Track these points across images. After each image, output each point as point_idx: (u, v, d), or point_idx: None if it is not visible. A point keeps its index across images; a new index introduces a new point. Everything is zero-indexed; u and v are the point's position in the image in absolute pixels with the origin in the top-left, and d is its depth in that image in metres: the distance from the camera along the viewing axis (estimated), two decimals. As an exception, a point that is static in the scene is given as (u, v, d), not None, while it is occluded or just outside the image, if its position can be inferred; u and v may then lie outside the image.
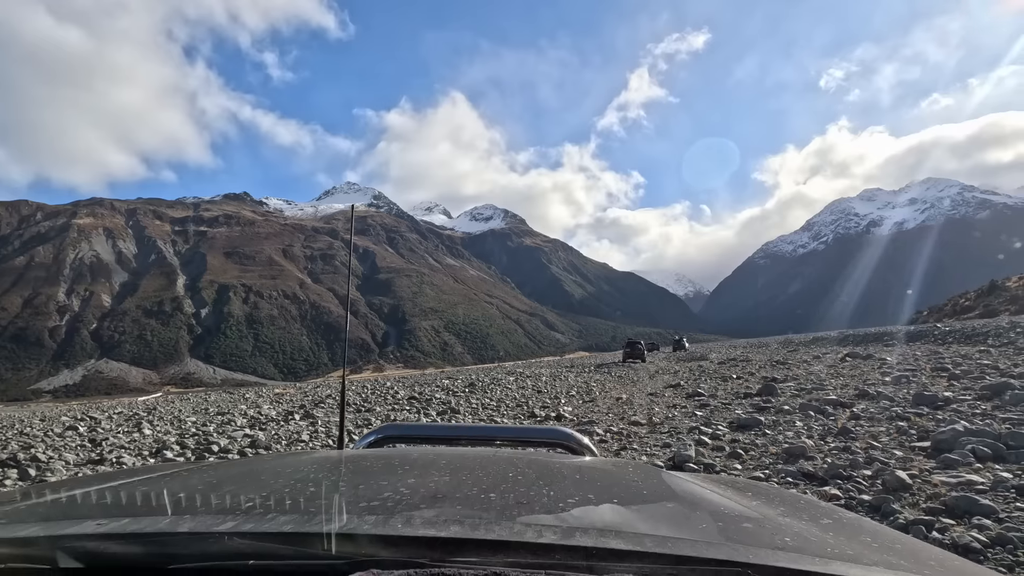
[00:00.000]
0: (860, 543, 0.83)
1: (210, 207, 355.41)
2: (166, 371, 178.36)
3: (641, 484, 1.05)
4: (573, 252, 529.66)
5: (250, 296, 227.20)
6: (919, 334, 32.43)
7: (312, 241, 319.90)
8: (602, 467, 1.23)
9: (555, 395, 14.70)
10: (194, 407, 21.24)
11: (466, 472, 1.04)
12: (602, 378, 20.32)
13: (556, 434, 1.70)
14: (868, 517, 1.76)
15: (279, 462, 1.16)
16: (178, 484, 0.95)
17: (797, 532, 0.82)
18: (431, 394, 17.76)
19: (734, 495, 1.07)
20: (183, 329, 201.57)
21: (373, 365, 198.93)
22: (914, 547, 0.86)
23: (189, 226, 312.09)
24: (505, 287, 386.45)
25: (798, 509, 1.02)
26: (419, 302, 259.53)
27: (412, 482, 0.93)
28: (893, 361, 15.23)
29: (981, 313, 76.03)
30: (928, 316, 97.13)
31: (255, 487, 0.92)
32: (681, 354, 42.75)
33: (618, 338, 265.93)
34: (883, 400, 7.87)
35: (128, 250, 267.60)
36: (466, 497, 0.85)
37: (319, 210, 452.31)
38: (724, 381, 14.16)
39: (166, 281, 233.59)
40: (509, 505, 0.81)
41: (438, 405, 13.56)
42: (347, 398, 18.07)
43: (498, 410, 12.06)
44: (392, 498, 0.81)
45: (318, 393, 24.95)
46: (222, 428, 11.66)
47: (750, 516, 0.88)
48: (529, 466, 1.12)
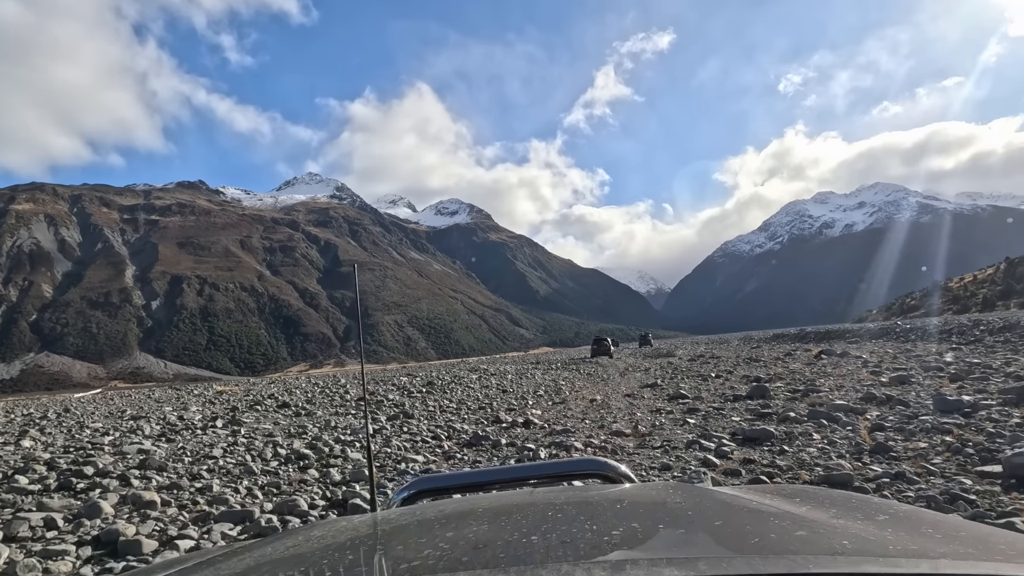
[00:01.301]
0: (922, 535, 0.79)
1: (162, 195, 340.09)
2: (113, 365, 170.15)
3: (685, 505, 1.02)
4: (538, 248, 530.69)
5: (205, 288, 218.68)
6: (881, 331, 32.67)
7: (271, 232, 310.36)
8: (643, 493, 1.19)
9: (522, 395, 13.64)
10: (117, 409, 19.19)
11: (504, 518, 1.00)
12: (571, 376, 19.44)
13: (592, 464, 1.65)
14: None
15: (316, 533, 1.13)
16: (216, 572, 0.92)
17: (854, 533, 0.78)
18: (385, 394, 16.31)
19: (783, 503, 1.02)
20: (132, 321, 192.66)
21: (334, 360, 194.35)
22: (979, 532, 0.82)
23: (139, 214, 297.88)
24: (470, 282, 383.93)
25: (851, 509, 0.98)
26: (382, 296, 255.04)
27: (451, 536, 0.90)
28: (874, 359, 14.62)
29: (926, 312, 79.07)
30: (877, 315, 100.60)
31: (294, 564, 0.89)
32: (647, 350, 42.30)
33: (582, 334, 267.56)
34: (898, 405, 6.90)
35: (72, 238, 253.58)
36: (507, 544, 0.82)
37: (279, 201, 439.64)
38: (704, 380, 13.34)
39: (114, 271, 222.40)
40: (553, 546, 0.77)
41: (390, 408, 12.12)
42: (290, 400, 16.37)
43: (458, 413, 10.78)
44: (433, 555, 0.79)
45: (263, 391, 23.09)
46: (121, 440, 9.75)
47: (803, 523, 0.84)
48: (568, 503, 1.08)
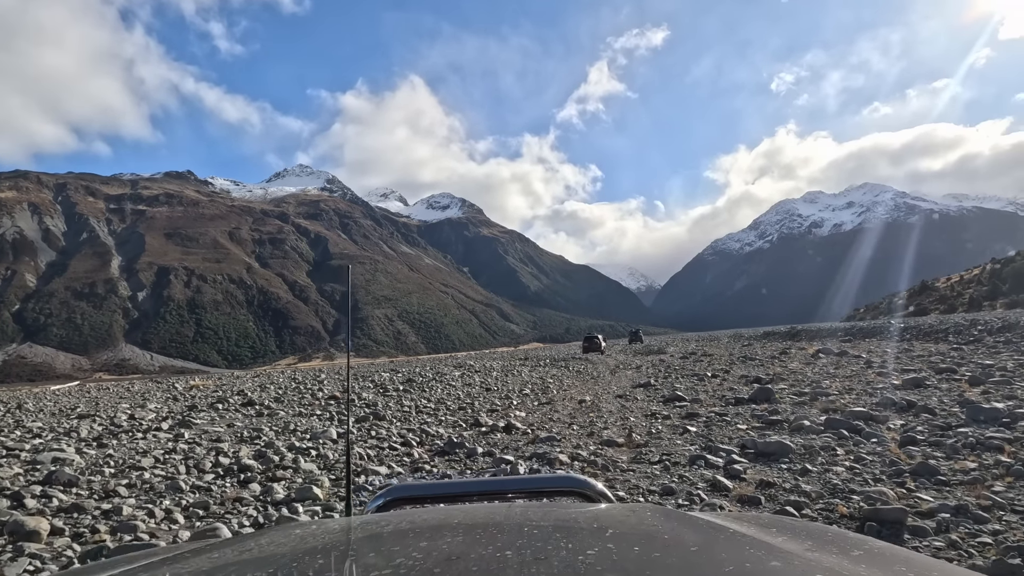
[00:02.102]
0: (894, 573, 0.80)
1: (150, 185, 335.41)
2: (98, 357, 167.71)
3: (662, 529, 1.02)
4: (530, 244, 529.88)
5: (192, 279, 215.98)
6: (873, 330, 32.07)
7: (261, 224, 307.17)
8: (620, 515, 1.18)
9: (506, 394, 12.85)
10: (72, 404, 18.08)
11: (479, 530, 0.99)
12: (559, 374, 18.67)
13: (570, 482, 1.64)
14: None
15: (287, 535, 1.11)
16: (183, 568, 0.89)
17: (828, 567, 0.78)
18: (359, 392, 15.38)
19: (758, 532, 1.02)
20: (117, 313, 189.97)
21: (323, 354, 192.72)
22: (950, 573, 0.83)
23: (126, 204, 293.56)
24: (461, 277, 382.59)
25: (826, 542, 0.98)
26: (372, 290, 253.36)
27: (424, 545, 0.88)
28: (876, 359, 13.93)
29: (914, 311, 79.12)
30: (864, 313, 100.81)
31: (263, 565, 0.87)
32: (637, 347, 41.66)
33: (572, 330, 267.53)
34: (923, 413, 6.13)
35: (56, 227, 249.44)
36: (481, 557, 0.81)
37: (269, 192, 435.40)
38: (700, 380, 12.62)
39: (99, 262, 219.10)
40: (527, 562, 0.76)
41: (360, 408, 11.19)
42: (256, 397, 15.39)
43: (435, 414, 9.93)
44: (405, 564, 0.77)
45: (234, 387, 22.06)
46: (47, 444, 8.49)
47: (778, 554, 0.84)
48: (544, 519, 1.07)
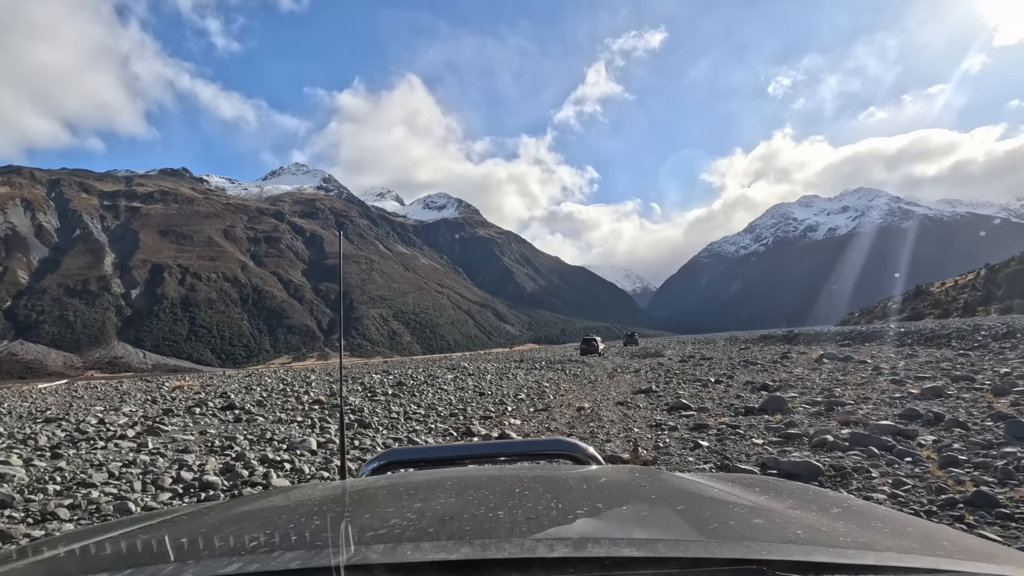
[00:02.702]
0: (872, 529, 0.83)
1: (144, 182, 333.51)
2: (90, 355, 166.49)
3: (649, 489, 1.05)
4: (526, 245, 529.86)
5: (187, 278, 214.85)
6: (871, 335, 31.53)
7: (256, 223, 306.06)
8: (609, 475, 1.23)
9: (501, 399, 12.35)
10: (44, 406, 17.31)
11: (472, 492, 1.03)
12: (556, 377, 18.15)
13: (561, 445, 1.68)
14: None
15: (283, 497, 1.15)
16: (180, 529, 0.94)
17: (808, 524, 0.82)
18: (346, 396, 14.67)
19: (742, 492, 1.06)
20: (111, 310, 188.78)
21: (318, 353, 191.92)
22: (926, 529, 0.86)
23: (120, 201, 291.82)
24: (457, 277, 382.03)
25: (807, 501, 1.02)
26: (368, 290, 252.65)
27: (418, 507, 0.92)
28: (885, 365, 13.43)
29: (909, 316, 79.11)
30: (860, 317, 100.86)
31: (259, 526, 0.90)
32: (634, 349, 41.20)
33: (568, 331, 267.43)
34: (955, 428, 5.61)
35: (49, 224, 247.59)
36: (474, 517, 0.83)
37: (264, 191, 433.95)
38: (704, 386, 12.17)
39: (92, 259, 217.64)
40: (518, 521, 0.80)
41: (346, 415, 10.49)
42: (238, 400, 14.86)
43: (425, 421, 9.40)
44: (399, 525, 0.80)
45: (217, 388, 21.38)
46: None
47: (760, 511, 0.89)
48: (535, 480, 1.11)
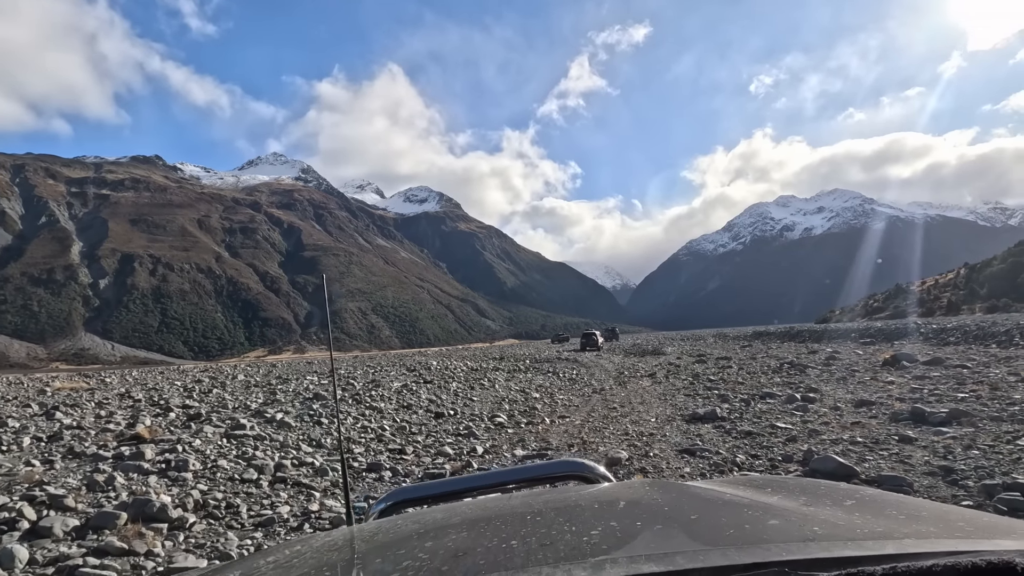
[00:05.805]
0: (887, 517, 0.83)
1: (115, 169, 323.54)
2: (55, 346, 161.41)
3: (662, 502, 1.05)
4: (507, 239, 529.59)
5: (158, 268, 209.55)
6: (896, 332, 28.65)
7: (232, 213, 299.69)
8: (620, 492, 1.22)
9: (467, 426, 9.27)
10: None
11: (483, 524, 1.02)
12: (547, 383, 15.22)
13: (571, 467, 1.65)
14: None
15: (290, 551, 1.12)
16: None
17: (824, 519, 0.82)
18: (189, 440, 10.87)
19: (755, 494, 1.06)
20: (77, 300, 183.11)
21: (294, 347, 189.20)
22: (940, 511, 0.86)
23: (89, 188, 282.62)
24: (437, 271, 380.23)
25: (820, 496, 1.02)
26: (346, 282, 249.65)
27: (429, 545, 0.90)
28: (996, 371, 10.82)
29: (892, 314, 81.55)
30: (841, 315, 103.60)
31: None
32: (626, 346, 41.69)
33: (548, 327, 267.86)
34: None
35: (13, 210, 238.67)
36: (487, 550, 0.82)
37: (241, 180, 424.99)
38: (790, 404, 9.04)
39: (59, 247, 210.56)
40: (533, 549, 0.78)
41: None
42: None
43: (311, 494, 7.67)
44: (412, 566, 0.79)
45: (123, 389, 17.88)
46: None
47: (775, 512, 0.88)
48: (546, 505, 1.10)
